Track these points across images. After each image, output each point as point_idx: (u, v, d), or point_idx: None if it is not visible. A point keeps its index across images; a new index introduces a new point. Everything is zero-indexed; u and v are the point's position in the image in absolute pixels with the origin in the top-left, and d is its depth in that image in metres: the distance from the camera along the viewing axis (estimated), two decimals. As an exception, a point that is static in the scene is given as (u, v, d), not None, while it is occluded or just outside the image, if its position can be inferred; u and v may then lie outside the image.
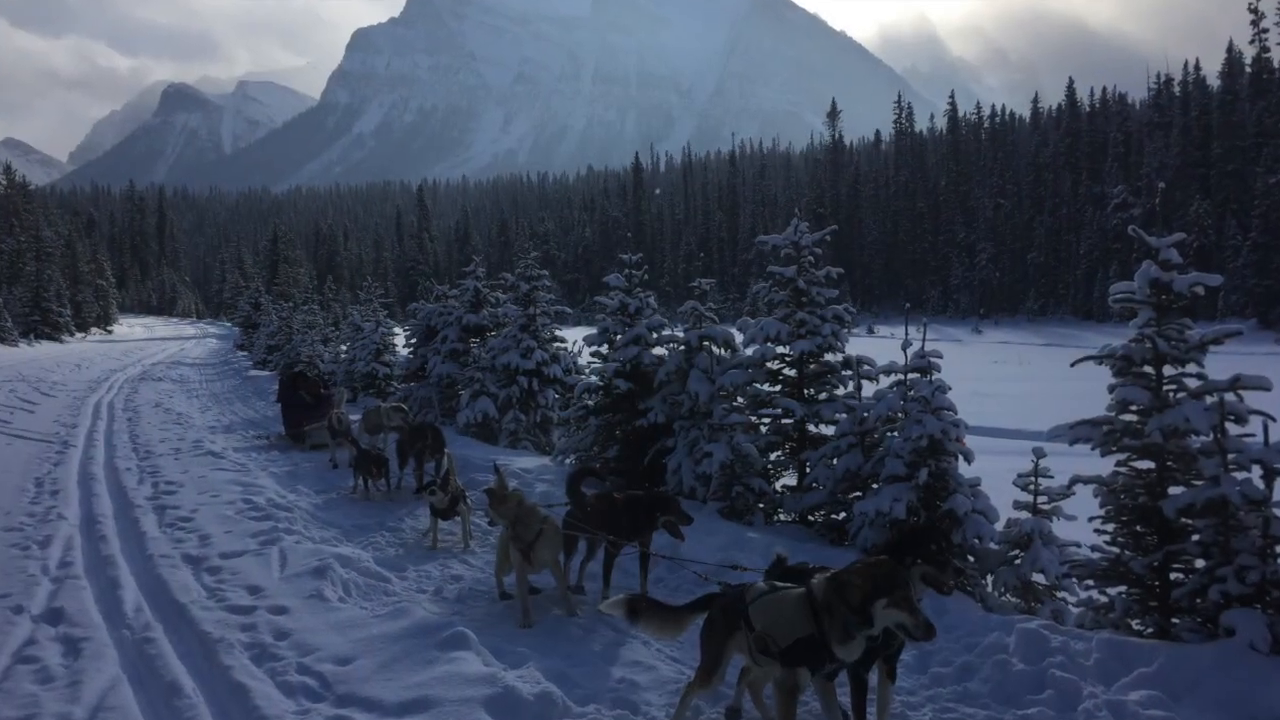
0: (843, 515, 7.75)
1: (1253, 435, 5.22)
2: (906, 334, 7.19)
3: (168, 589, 6.64)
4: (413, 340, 17.44)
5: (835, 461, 7.73)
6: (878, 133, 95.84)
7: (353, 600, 6.48)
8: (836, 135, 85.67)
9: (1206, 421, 5.29)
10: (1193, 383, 5.60)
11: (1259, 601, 4.94)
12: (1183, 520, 5.43)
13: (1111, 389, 5.82)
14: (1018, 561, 6.32)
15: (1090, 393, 6.83)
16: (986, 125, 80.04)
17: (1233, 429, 5.27)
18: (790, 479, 8.86)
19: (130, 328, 68.25)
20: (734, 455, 8.32)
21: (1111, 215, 61.13)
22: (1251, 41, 58.30)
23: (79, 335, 54.58)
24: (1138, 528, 5.77)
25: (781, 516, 8.52)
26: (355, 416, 13.44)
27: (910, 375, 7.08)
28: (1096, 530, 5.98)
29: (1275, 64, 57.61)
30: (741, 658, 4.25)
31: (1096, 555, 5.99)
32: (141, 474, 11.37)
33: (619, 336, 10.34)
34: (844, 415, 8.00)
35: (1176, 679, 4.65)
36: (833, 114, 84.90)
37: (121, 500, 9.81)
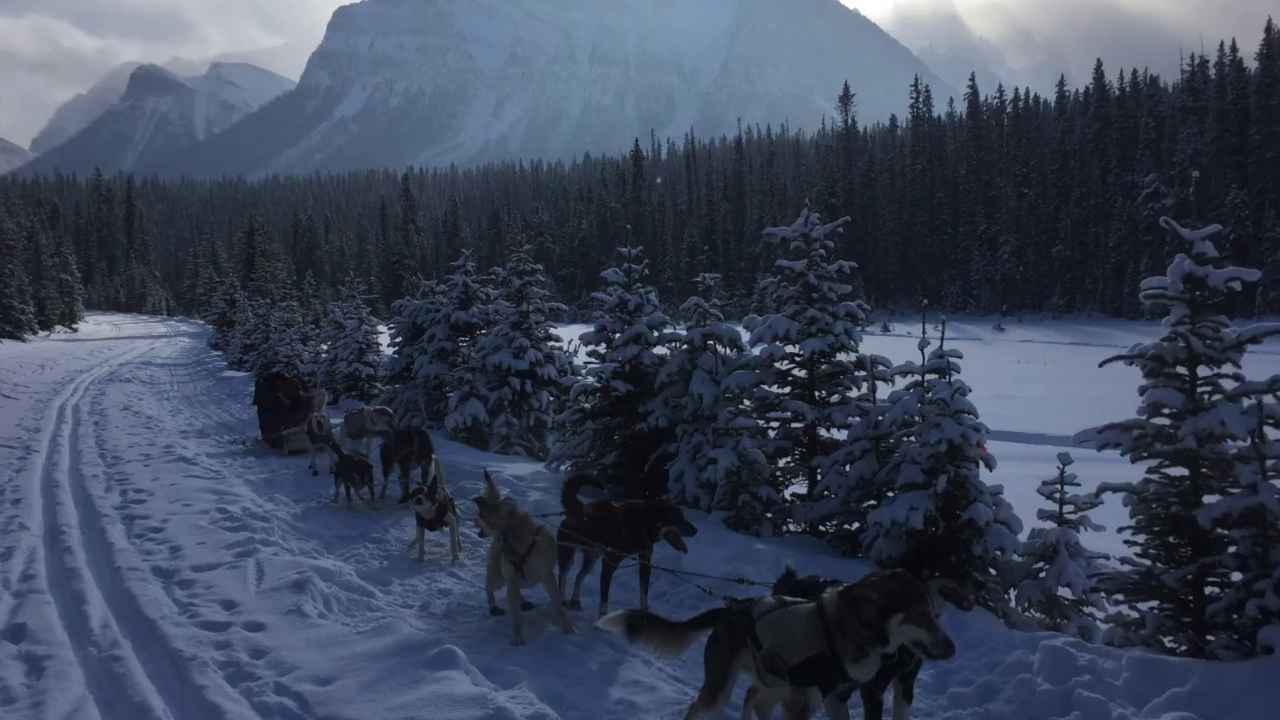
0: (856, 525, 7.75)
1: (1293, 440, 5.24)
2: (924, 332, 7.19)
3: (137, 604, 6.64)
4: (398, 339, 17.45)
5: (848, 468, 7.73)
6: (893, 118, 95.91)
7: (334, 616, 6.48)
8: (849, 120, 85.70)
9: (1244, 425, 5.29)
10: (1229, 384, 5.61)
11: (1299, 617, 4.95)
12: (1218, 531, 5.44)
13: (1142, 391, 5.83)
14: (1042, 575, 6.32)
15: (1120, 395, 6.83)
16: (1009, 110, 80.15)
17: (1272, 433, 5.27)
18: (800, 487, 8.86)
19: (97, 326, 68.25)
20: (740, 461, 8.32)
21: (1142, 206, 61.17)
22: (1292, 21, 58.37)
23: (42, 334, 54.60)
24: (1170, 539, 5.78)
25: (791, 527, 8.53)
26: (337, 420, 13.45)
27: (928, 376, 7.08)
28: (1126, 541, 5.99)
29: (1317, 45, 57.70)
30: (748, 677, 4.25)
31: (1126, 568, 5.99)
32: (109, 481, 11.37)
33: (617, 335, 10.34)
34: (857, 419, 8.00)
35: (1212, 700, 4.65)
36: (845, 98, 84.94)
37: (88, 509, 9.82)
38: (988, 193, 74.25)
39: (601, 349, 10.60)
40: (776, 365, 8.72)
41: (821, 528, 8.21)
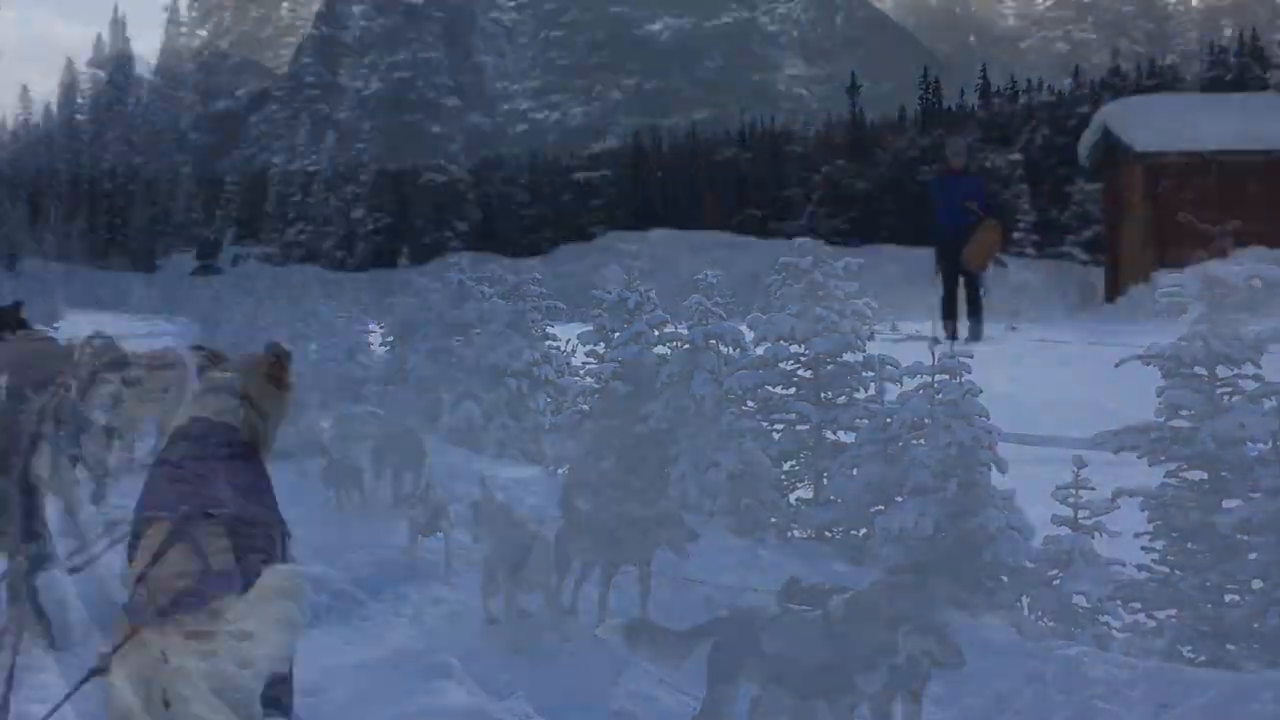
0: (864, 531, 7.75)
1: (1316, 443, 5.23)
2: (934, 332, 7.18)
3: (120, 611, 6.61)
4: (390, 338, 17.43)
5: (855, 472, 7.71)
6: (902, 109, 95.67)
7: (322, 625, 6.46)
8: (857, 113, 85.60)
9: (1265, 428, 5.29)
10: (1250, 385, 5.60)
11: (1323, 626, 4.94)
12: (1239, 536, 5.43)
13: (1160, 392, 5.82)
14: (1056, 582, 6.31)
15: (1137, 396, 6.82)
16: (1023, 101, 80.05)
17: (1294, 436, 5.27)
18: (806, 491, 8.85)
19: (79, 325, 68.30)
20: (744, 465, 8.31)
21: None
22: (1315, 8, 58.38)
23: (21, 333, 54.57)
24: (1189, 545, 5.77)
25: (796, 532, 8.51)
26: (326, 422, 13.42)
27: (938, 377, 7.07)
28: (1143, 548, 5.97)
29: (1341, 34, 57.76)
30: (752, 688, 4.25)
31: (1143, 575, 5.98)
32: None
33: (617, 334, 10.33)
34: (865, 421, 7.99)
35: (1232, 712, 4.64)
36: (852, 89, 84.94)
37: (70, 514, 9.78)
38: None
39: (600, 349, 10.59)
40: (781, 366, 8.71)
41: (828, 533, 8.20)
